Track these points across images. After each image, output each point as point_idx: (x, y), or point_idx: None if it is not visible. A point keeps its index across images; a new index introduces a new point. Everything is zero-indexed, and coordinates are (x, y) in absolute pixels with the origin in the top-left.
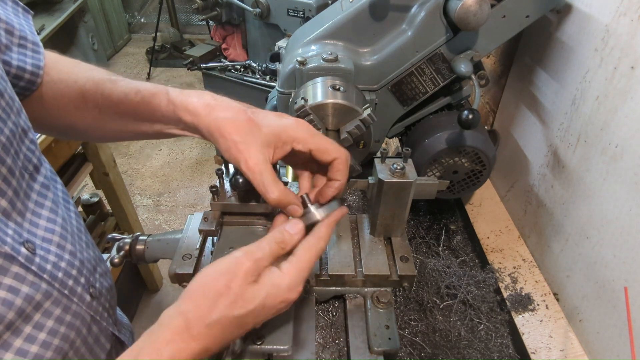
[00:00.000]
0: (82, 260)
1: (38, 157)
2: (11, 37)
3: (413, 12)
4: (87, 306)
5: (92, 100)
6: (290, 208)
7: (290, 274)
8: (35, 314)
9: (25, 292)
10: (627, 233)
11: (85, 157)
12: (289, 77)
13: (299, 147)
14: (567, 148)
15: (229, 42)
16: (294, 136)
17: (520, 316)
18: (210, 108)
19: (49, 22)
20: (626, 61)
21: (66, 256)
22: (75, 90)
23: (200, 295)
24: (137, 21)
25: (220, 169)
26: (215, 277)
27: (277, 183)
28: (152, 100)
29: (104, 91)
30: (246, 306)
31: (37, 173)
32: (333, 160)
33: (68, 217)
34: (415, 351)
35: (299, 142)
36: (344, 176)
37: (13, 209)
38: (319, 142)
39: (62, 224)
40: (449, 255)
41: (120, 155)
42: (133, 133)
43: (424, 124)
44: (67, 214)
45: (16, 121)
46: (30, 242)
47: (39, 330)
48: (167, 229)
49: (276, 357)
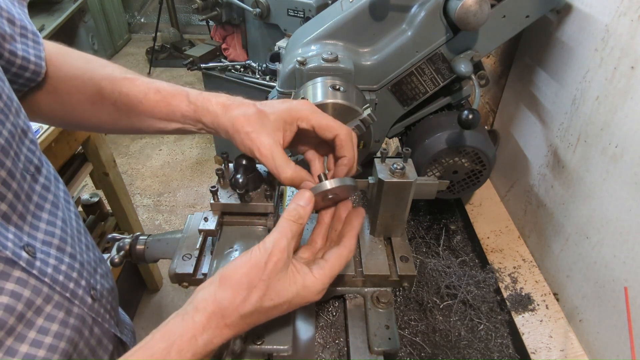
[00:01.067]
0: (82, 263)
1: (39, 158)
2: (13, 26)
3: (413, 12)
4: (89, 308)
5: (109, 98)
6: (304, 185)
7: (322, 281)
8: (37, 319)
9: (26, 297)
10: (627, 233)
11: (85, 157)
12: (289, 77)
13: (303, 124)
14: (567, 148)
15: (229, 42)
16: (297, 115)
17: (520, 316)
18: (226, 108)
19: (49, 22)
20: (626, 61)
21: (66, 259)
22: (92, 88)
23: (235, 285)
24: (137, 21)
25: (220, 169)
26: (248, 268)
27: (288, 162)
28: (172, 100)
29: (122, 89)
30: (276, 299)
31: (38, 174)
32: (335, 137)
33: (68, 219)
34: (415, 351)
35: (302, 120)
36: (350, 151)
37: (13, 212)
38: (320, 119)
39: (62, 226)
40: (449, 255)
41: (120, 155)
42: (149, 129)
43: (424, 124)
44: (68, 215)
45: (15, 122)
46: (30, 245)
47: (44, 334)
48: (167, 229)
49: (276, 357)
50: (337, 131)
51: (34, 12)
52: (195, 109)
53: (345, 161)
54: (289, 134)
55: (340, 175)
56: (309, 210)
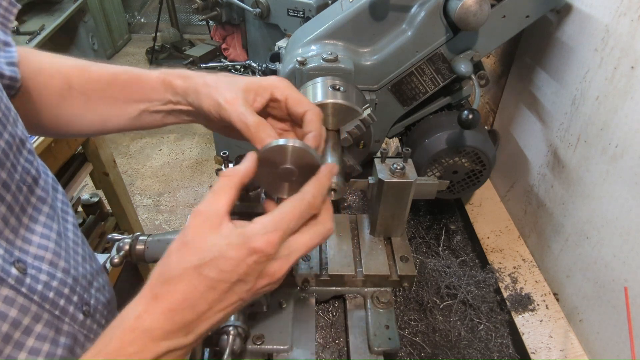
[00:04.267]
0: (75, 278)
1: (36, 168)
2: None
3: (413, 12)
4: (80, 325)
5: (79, 87)
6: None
7: (260, 222)
8: (28, 339)
9: (12, 317)
10: (627, 233)
11: (85, 157)
12: (289, 77)
13: (277, 94)
14: (567, 148)
15: (229, 42)
16: (273, 84)
17: (520, 316)
18: (203, 73)
19: (49, 22)
20: (626, 61)
21: (59, 274)
22: (60, 80)
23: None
24: (137, 21)
25: (220, 169)
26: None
27: (254, 114)
28: (142, 75)
29: (92, 74)
30: (199, 254)
31: (35, 185)
32: (305, 113)
33: (64, 230)
34: (415, 351)
35: (278, 90)
36: (317, 127)
37: (5, 226)
38: (295, 93)
39: (57, 239)
40: (449, 255)
41: (120, 155)
42: (118, 119)
43: (424, 124)
44: (64, 225)
45: (13, 132)
46: (21, 261)
47: (35, 355)
48: (167, 229)
49: (276, 357)
50: (307, 107)
51: (34, 12)
52: (165, 77)
53: (311, 136)
54: (259, 100)
55: None
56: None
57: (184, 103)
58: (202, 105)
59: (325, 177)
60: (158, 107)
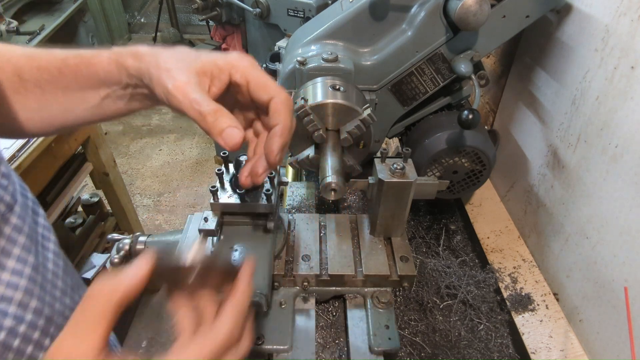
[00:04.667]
0: (50, 317)
1: (12, 193)
2: None
3: (413, 12)
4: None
5: (31, 78)
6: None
7: None
8: None
9: None
10: (627, 233)
11: (85, 157)
12: (289, 77)
13: (237, 76)
14: (567, 148)
15: (229, 42)
16: (232, 63)
17: (520, 316)
18: (157, 50)
19: (49, 22)
20: (626, 61)
21: (28, 316)
22: (10, 72)
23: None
24: (137, 21)
25: (220, 169)
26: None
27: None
28: (93, 58)
29: (41, 62)
30: None
31: (10, 213)
32: (271, 100)
33: (43, 261)
34: (415, 351)
35: (237, 71)
36: (286, 119)
37: None
38: (259, 76)
39: (31, 275)
40: (449, 255)
41: (120, 155)
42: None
43: (424, 124)
44: (44, 255)
45: None
46: None
47: None
48: (167, 229)
49: (276, 357)
50: (273, 93)
51: (34, 12)
52: (118, 57)
53: (278, 130)
54: (217, 84)
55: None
56: (131, 280)
57: (142, 85)
58: (154, 90)
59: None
60: (119, 92)
